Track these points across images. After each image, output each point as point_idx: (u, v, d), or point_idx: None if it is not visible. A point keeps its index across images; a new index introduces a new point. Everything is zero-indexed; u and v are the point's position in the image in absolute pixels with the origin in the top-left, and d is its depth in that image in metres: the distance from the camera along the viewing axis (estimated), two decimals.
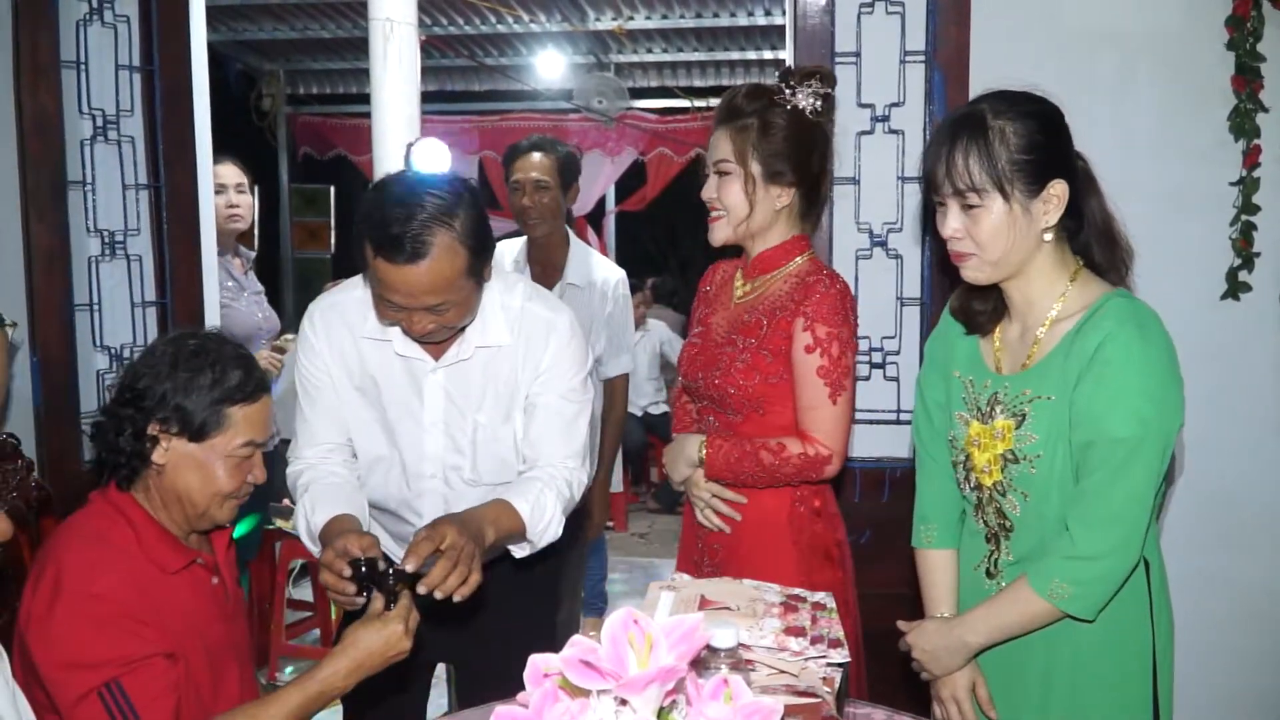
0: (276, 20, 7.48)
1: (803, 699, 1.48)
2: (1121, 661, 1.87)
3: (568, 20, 7.22)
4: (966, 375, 1.98)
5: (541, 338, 2.20)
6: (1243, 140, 2.82)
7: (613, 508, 6.78)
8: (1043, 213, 1.81)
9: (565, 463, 2.22)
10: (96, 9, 3.28)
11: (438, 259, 1.94)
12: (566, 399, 2.22)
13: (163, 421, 1.86)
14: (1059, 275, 1.88)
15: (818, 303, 2.21)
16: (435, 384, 2.18)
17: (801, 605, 1.72)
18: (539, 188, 3.64)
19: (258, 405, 1.93)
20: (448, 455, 2.20)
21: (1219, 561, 2.91)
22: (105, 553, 1.83)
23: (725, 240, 2.32)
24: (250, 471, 1.94)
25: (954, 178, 1.80)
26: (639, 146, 8.50)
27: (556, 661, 1.05)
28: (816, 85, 2.28)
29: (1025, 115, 1.81)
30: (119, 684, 1.72)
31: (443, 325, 2.05)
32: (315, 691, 1.77)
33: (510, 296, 2.22)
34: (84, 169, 3.28)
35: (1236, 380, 2.88)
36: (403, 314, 2.01)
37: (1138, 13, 2.86)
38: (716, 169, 2.28)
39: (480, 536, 1.96)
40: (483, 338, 2.16)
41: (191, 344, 1.92)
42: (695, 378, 2.35)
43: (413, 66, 3.96)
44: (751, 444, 2.24)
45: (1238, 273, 2.85)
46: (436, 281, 1.96)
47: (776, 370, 2.23)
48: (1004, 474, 1.89)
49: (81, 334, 3.29)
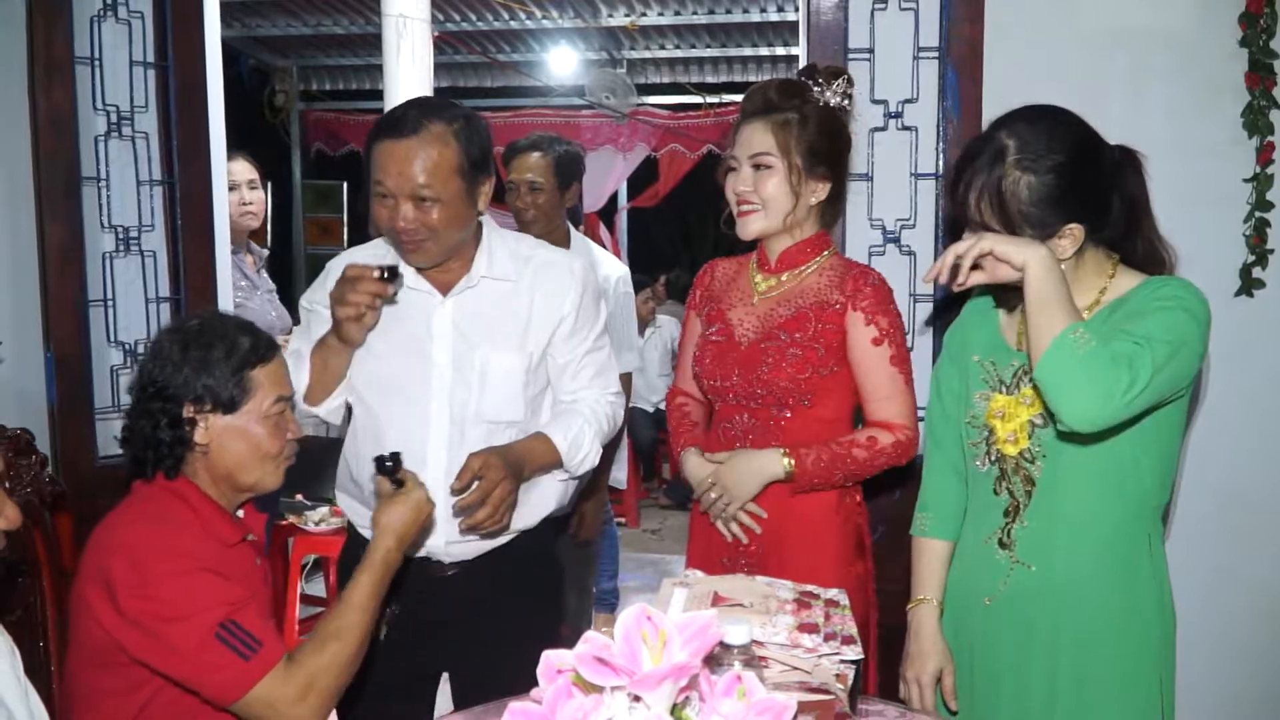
0: (290, 16, 7.50)
1: (816, 696, 1.48)
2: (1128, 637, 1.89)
3: (580, 16, 7.23)
4: (986, 358, 2.01)
5: (559, 282, 2.29)
6: (1256, 137, 2.81)
7: (624, 504, 6.81)
8: (1057, 248, 1.83)
9: (605, 396, 2.36)
10: (110, 5, 3.29)
11: (428, 140, 2.09)
12: (596, 348, 2.35)
13: (195, 402, 1.90)
14: (1096, 277, 1.92)
15: (872, 296, 2.25)
16: (444, 316, 2.25)
17: (815, 602, 1.72)
18: (532, 189, 3.65)
19: (275, 363, 1.98)
20: (456, 390, 2.24)
21: (1230, 558, 2.90)
22: (170, 528, 1.87)
23: (760, 234, 2.32)
24: (288, 428, 2.00)
25: (967, 209, 1.84)
26: (651, 143, 8.48)
27: (570, 658, 1.06)
28: (844, 85, 2.31)
29: (1048, 170, 1.80)
30: (233, 620, 1.79)
31: (426, 225, 2.12)
32: (381, 570, 1.92)
33: (520, 245, 2.35)
34: (98, 165, 3.29)
35: (1250, 376, 2.87)
36: (394, 209, 2.11)
37: (1151, 9, 2.85)
38: (755, 162, 2.27)
39: (518, 467, 2.15)
40: (489, 269, 2.26)
41: (194, 326, 1.96)
42: (726, 377, 2.33)
43: (426, 62, 3.96)
44: (840, 445, 2.25)
45: (1251, 269, 2.84)
46: (425, 162, 2.09)
47: (828, 363, 2.26)
48: (1031, 440, 1.92)
49: (96, 330, 3.30)
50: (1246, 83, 2.80)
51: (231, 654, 1.76)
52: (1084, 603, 1.89)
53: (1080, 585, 1.89)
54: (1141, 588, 1.91)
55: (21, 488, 2.13)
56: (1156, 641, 1.91)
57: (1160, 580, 1.94)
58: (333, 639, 1.84)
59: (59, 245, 3.21)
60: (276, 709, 1.78)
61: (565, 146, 3.76)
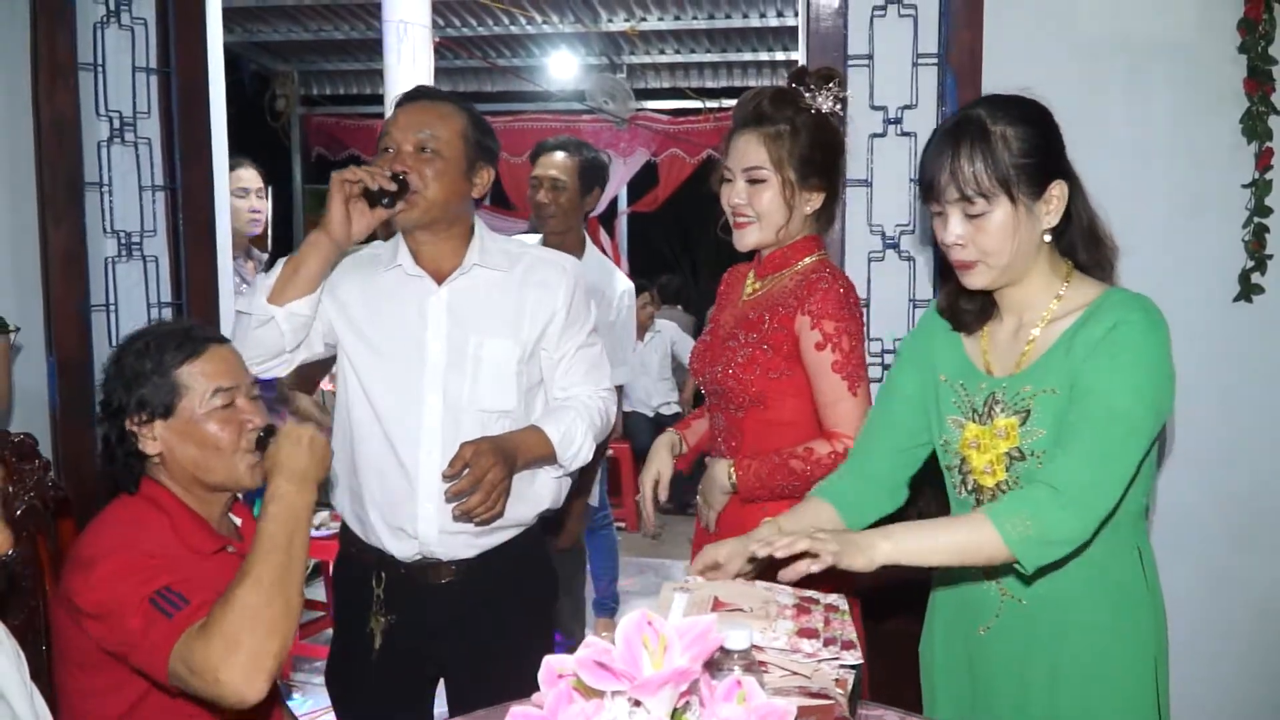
0: (291, 21, 7.52)
1: (815, 701, 1.48)
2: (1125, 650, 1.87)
3: (580, 21, 7.24)
4: (956, 380, 1.97)
5: (551, 278, 2.35)
6: (1255, 143, 2.81)
7: (625, 508, 6.80)
8: (1045, 213, 1.83)
9: (597, 393, 2.40)
10: (114, 11, 3.30)
11: (438, 104, 2.31)
12: (587, 344, 2.40)
13: (134, 414, 1.90)
14: (1054, 276, 1.90)
15: (821, 299, 2.22)
16: (439, 302, 2.29)
17: (814, 607, 1.73)
18: (555, 186, 3.73)
19: (205, 355, 1.94)
20: (450, 377, 2.27)
21: (1234, 562, 2.90)
22: (140, 532, 1.87)
23: (755, 245, 2.33)
24: (244, 418, 1.95)
25: (960, 183, 1.80)
26: (651, 147, 8.50)
27: (571, 662, 1.06)
28: (836, 89, 2.30)
29: (1022, 120, 1.82)
30: (168, 586, 1.74)
31: (423, 174, 2.21)
32: (276, 509, 1.80)
33: (510, 244, 2.43)
34: (101, 170, 3.30)
35: (1250, 382, 2.88)
36: (392, 154, 2.22)
37: (1150, 15, 2.85)
38: (749, 176, 2.28)
39: (511, 456, 2.17)
40: (481, 258, 2.31)
41: (131, 341, 1.98)
42: (703, 373, 2.39)
43: (426, 67, 3.99)
44: (779, 455, 2.24)
45: (1250, 275, 2.85)
46: (431, 116, 2.25)
47: (777, 366, 2.25)
48: (1009, 473, 1.88)
49: (98, 335, 3.31)
50: (1245, 89, 2.80)
51: (159, 615, 1.71)
52: (1079, 629, 1.86)
53: (1073, 612, 1.86)
54: (1136, 604, 1.88)
55: (24, 492, 2.13)
56: (1153, 655, 1.90)
57: (1153, 589, 1.91)
58: (237, 587, 1.70)
59: (61, 250, 3.22)
60: (203, 673, 1.65)
61: (593, 153, 3.88)
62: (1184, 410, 2.91)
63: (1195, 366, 2.93)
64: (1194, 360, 2.92)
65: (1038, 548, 1.73)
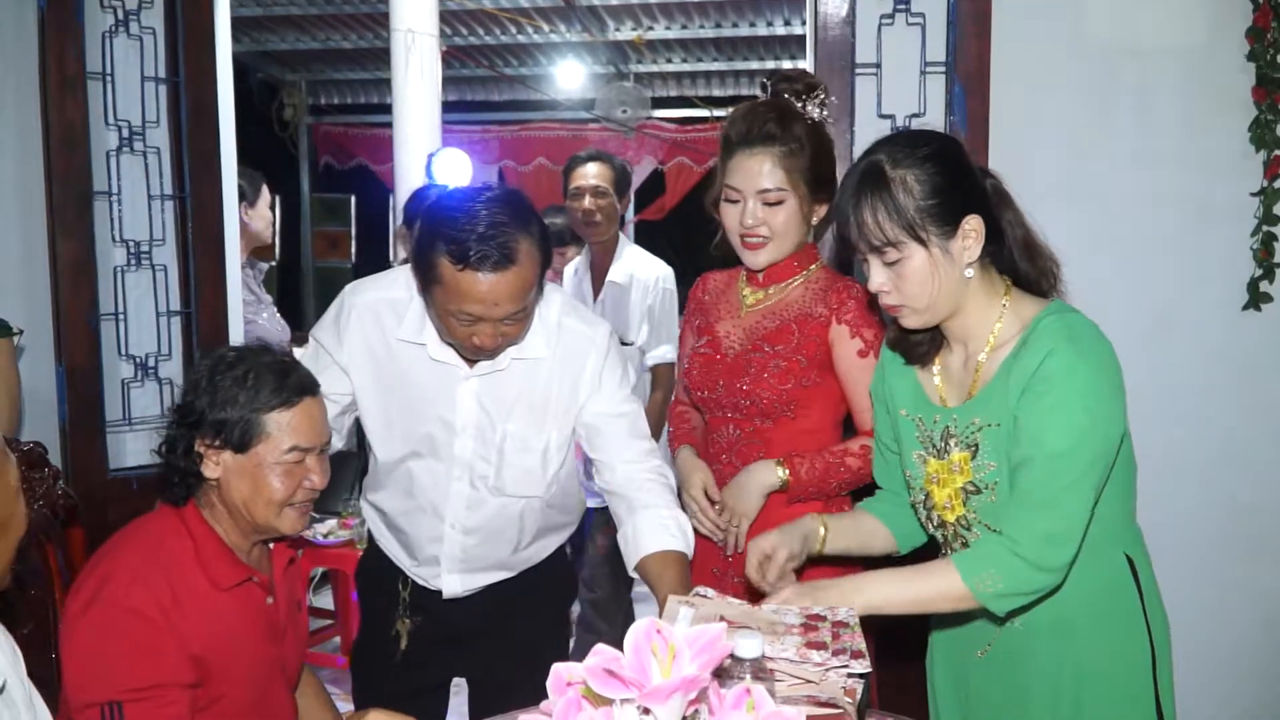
0: (299, 31, 7.54)
1: (824, 710, 1.48)
2: (1121, 660, 1.86)
3: (587, 30, 7.26)
4: (915, 414, 1.95)
5: (580, 354, 2.19)
6: (1264, 151, 2.81)
7: None
8: (962, 249, 1.76)
9: (648, 461, 2.22)
10: (122, 21, 3.32)
11: (523, 265, 1.93)
12: (622, 406, 2.23)
13: (206, 437, 1.85)
14: (991, 300, 1.84)
15: (855, 309, 2.25)
16: (468, 391, 2.16)
17: (822, 624, 1.71)
18: (599, 193, 3.93)
19: (298, 409, 1.88)
20: (476, 462, 2.19)
21: (1242, 572, 2.89)
22: (154, 563, 1.82)
23: (771, 263, 2.31)
24: (306, 476, 1.91)
25: (867, 235, 1.75)
26: (658, 156, 8.51)
27: (580, 670, 1.06)
28: (822, 95, 2.31)
29: (924, 160, 1.75)
30: (120, 708, 1.71)
31: (507, 339, 2.04)
32: None
33: (547, 309, 2.18)
34: (110, 180, 3.32)
35: (1258, 390, 2.87)
36: (473, 328, 1.98)
37: (1159, 24, 2.86)
38: (765, 199, 2.25)
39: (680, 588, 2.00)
40: (520, 351, 2.14)
41: (230, 355, 1.91)
42: (712, 388, 2.35)
43: (434, 77, 3.99)
44: (833, 454, 2.26)
45: (1259, 283, 2.84)
46: (518, 288, 1.95)
47: (810, 375, 2.26)
48: (966, 507, 1.86)
49: (107, 343, 3.33)
50: (1254, 97, 2.80)
51: None
52: (1075, 645, 1.84)
53: (1068, 630, 1.84)
54: (1129, 611, 1.86)
55: (34, 500, 2.13)
56: (1150, 661, 1.88)
57: (1149, 594, 1.88)
58: None
59: (71, 259, 3.23)
60: None
61: (621, 161, 4.14)
62: (1192, 417, 2.91)
63: (1203, 374, 2.93)
64: (1202, 368, 2.93)
65: (1009, 600, 1.74)
